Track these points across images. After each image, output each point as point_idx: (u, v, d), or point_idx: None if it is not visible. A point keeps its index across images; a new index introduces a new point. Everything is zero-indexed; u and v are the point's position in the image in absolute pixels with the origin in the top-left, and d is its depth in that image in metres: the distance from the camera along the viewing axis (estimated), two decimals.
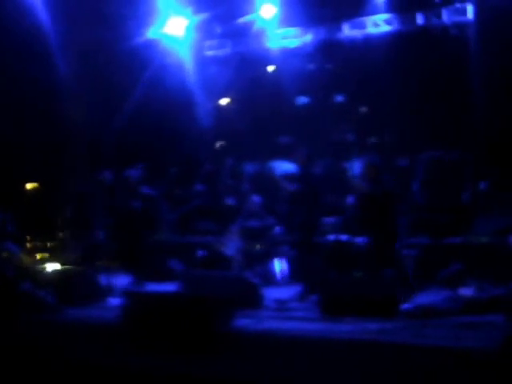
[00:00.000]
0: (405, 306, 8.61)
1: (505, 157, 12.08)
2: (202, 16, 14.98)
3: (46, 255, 12.64)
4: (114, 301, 9.58)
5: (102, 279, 10.47)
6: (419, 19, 14.14)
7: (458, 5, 13.75)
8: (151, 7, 14.27)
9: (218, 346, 7.54)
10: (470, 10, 13.62)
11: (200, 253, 11.72)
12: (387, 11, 14.34)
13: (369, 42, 14.57)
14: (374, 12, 14.41)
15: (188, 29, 15.20)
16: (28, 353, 8.04)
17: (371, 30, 14.59)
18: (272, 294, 9.75)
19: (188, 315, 7.79)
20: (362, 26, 14.69)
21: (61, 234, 12.83)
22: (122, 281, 10.89)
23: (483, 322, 7.83)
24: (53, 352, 8.06)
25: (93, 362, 7.76)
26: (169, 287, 10.27)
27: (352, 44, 14.77)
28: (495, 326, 7.44)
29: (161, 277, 11.21)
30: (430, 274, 10.28)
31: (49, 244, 13.22)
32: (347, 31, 14.85)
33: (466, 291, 8.79)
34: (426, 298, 9.11)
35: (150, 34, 14.81)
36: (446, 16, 13.90)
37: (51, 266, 10.87)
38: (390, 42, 14.29)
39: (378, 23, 14.52)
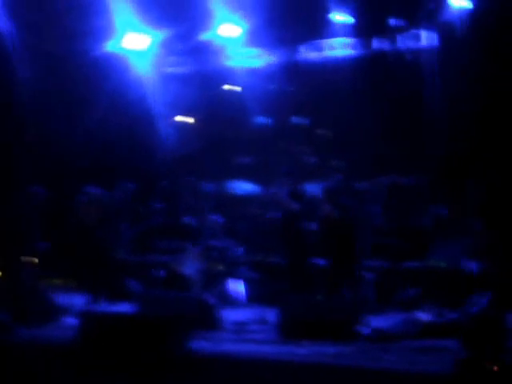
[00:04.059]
0: (362, 329, 8.66)
1: (462, 182, 12.27)
2: (164, 32, 14.94)
3: None
4: (70, 320, 9.40)
5: (58, 298, 10.30)
6: (378, 43, 14.31)
7: (412, 30, 13.94)
8: (112, 22, 14.18)
9: (174, 368, 7.47)
10: (424, 36, 13.82)
11: (158, 272, 11.65)
12: (346, 35, 14.47)
13: (328, 65, 14.69)
14: (335, 35, 14.53)
15: (149, 45, 15.13)
16: None
17: (330, 53, 14.71)
18: (230, 315, 9.71)
19: (144, 336, 7.71)
20: (322, 49, 14.80)
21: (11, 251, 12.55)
22: (78, 300, 10.76)
23: (439, 346, 7.93)
24: (5, 373, 7.91)
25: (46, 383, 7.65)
26: (125, 307, 10.17)
27: (312, 67, 14.87)
28: (450, 351, 7.51)
29: (118, 296, 11.11)
30: (387, 297, 10.39)
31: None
32: (308, 54, 14.95)
33: (423, 315, 8.87)
34: (383, 321, 9.16)
35: (110, 48, 14.71)
36: (401, 41, 14.09)
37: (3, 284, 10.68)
38: (349, 66, 14.41)
39: (337, 47, 14.65)
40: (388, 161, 13.27)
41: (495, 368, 6.56)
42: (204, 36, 15.06)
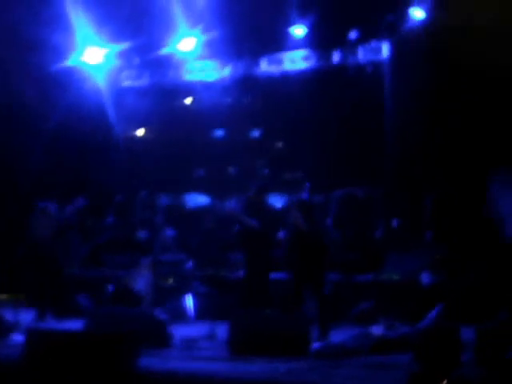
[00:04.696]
0: (315, 344, 8.54)
1: (416, 195, 12.31)
2: (121, 46, 14.81)
3: None
4: (17, 337, 9.13)
5: (6, 313, 10.02)
6: (336, 57, 14.30)
7: (373, 43, 13.96)
8: (71, 34, 14.03)
9: None
10: (385, 49, 13.84)
11: (109, 288, 11.46)
12: (305, 47, 14.45)
13: (286, 78, 14.65)
14: (293, 48, 14.49)
15: (106, 58, 14.99)
16: None
17: (288, 66, 14.67)
18: (181, 331, 9.52)
19: (92, 353, 7.51)
20: (280, 62, 14.76)
21: None
22: (26, 316, 10.51)
23: (391, 361, 7.85)
24: None
25: None
26: (74, 324, 9.94)
27: (269, 79, 14.83)
28: (403, 366, 7.43)
29: (66, 312, 10.90)
30: (340, 311, 10.30)
31: None
32: (265, 66, 14.90)
33: (376, 329, 8.77)
34: (336, 336, 9.07)
35: (69, 61, 14.54)
36: (361, 54, 14.09)
37: None
38: (307, 79, 14.38)
39: (295, 60, 14.61)
40: (342, 174, 13.26)
41: (445, 382, 6.50)
42: (161, 49, 14.96)
